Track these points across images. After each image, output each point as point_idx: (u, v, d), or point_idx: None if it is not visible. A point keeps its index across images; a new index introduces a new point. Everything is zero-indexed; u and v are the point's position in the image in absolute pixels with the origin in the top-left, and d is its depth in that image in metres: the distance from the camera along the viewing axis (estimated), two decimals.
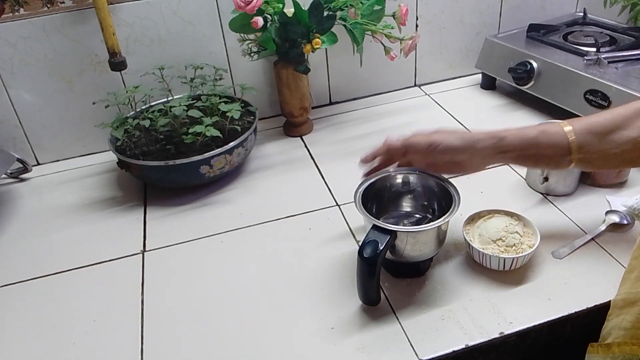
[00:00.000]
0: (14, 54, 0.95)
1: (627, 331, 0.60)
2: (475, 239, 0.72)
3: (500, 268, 0.70)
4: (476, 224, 0.74)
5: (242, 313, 0.69)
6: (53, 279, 0.78)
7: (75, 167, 1.05)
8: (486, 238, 0.71)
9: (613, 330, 0.61)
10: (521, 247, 0.70)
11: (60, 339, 0.68)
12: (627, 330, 0.60)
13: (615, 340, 0.60)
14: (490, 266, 0.70)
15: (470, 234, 0.73)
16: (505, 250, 0.70)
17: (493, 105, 1.14)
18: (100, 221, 0.89)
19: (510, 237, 0.70)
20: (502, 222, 0.72)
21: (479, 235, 0.72)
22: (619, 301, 0.62)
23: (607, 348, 0.60)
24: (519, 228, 0.72)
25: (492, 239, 0.71)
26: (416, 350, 0.62)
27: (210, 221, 0.86)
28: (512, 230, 0.71)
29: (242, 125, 0.94)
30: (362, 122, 1.12)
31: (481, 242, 0.71)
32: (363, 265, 0.62)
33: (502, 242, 0.70)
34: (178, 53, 1.03)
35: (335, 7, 0.95)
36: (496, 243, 0.70)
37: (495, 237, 0.71)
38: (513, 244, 0.70)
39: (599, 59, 0.99)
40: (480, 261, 0.71)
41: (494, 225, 0.72)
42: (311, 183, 0.94)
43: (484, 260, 0.70)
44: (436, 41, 1.20)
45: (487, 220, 0.74)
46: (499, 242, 0.70)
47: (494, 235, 0.71)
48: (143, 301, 0.72)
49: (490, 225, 0.72)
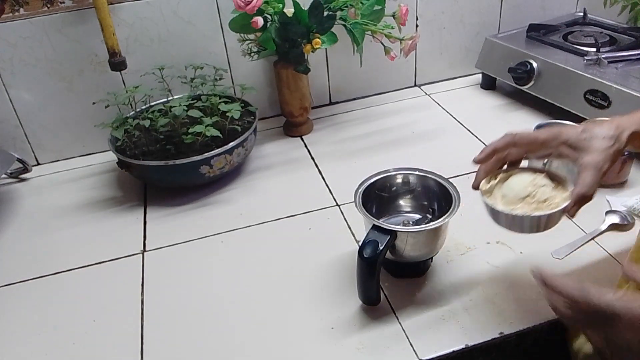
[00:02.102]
0: (14, 54, 0.95)
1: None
2: (498, 201, 0.61)
3: (534, 230, 0.59)
4: (495, 185, 0.63)
5: (242, 313, 0.69)
6: (53, 279, 0.78)
7: (75, 167, 1.05)
8: (511, 198, 0.60)
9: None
10: (554, 202, 0.59)
11: (60, 339, 0.68)
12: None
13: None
14: (523, 230, 0.60)
15: (492, 197, 0.62)
16: (538, 207, 0.58)
17: (493, 105, 1.14)
18: (100, 221, 0.89)
19: (540, 191, 0.59)
20: (526, 177, 0.61)
21: (502, 196, 0.61)
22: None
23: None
24: (547, 180, 0.61)
25: (519, 196, 0.60)
26: (416, 350, 0.62)
27: (210, 221, 0.86)
28: (541, 183, 0.60)
29: (242, 125, 0.94)
30: (362, 122, 1.12)
31: (507, 204, 0.60)
32: (363, 265, 0.62)
33: (532, 198, 0.59)
34: (178, 53, 1.03)
35: (335, 7, 0.95)
36: (525, 201, 0.59)
37: (522, 194, 0.60)
38: (545, 198, 0.59)
39: (599, 59, 0.99)
40: (509, 226, 0.60)
41: (518, 181, 0.61)
42: (311, 183, 0.94)
43: (514, 224, 0.60)
44: (436, 41, 1.20)
45: (507, 178, 0.63)
46: (528, 200, 0.59)
47: (520, 192, 0.60)
48: (143, 301, 0.72)
49: (514, 183, 0.61)
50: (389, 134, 1.06)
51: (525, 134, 0.62)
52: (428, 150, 1.00)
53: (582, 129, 0.59)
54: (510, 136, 0.62)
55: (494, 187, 0.63)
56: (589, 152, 0.57)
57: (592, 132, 0.58)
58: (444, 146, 1.01)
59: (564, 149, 0.59)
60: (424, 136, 1.05)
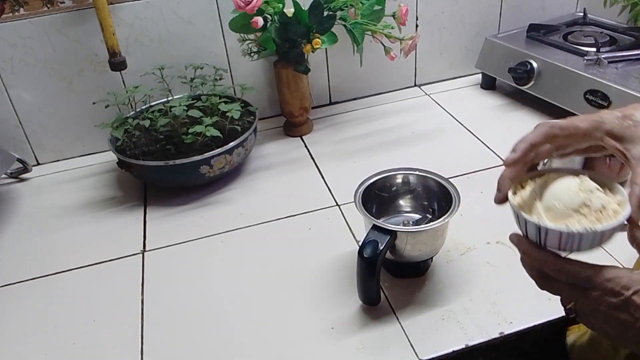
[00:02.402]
0: (14, 54, 0.95)
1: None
2: (543, 216, 0.48)
3: (594, 246, 0.48)
4: (530, 196, 0.51)
5: (242, 313, 0.69)
6: (53, 279, 0.78)
7: (75, 167, 1.05)
8: (561, 210, 0.48)
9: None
10: (612, 208, 0.48)
11: (60, 339, 0.68)
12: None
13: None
14: (580, 248, 0.48)
15: (534, 213, 0.49)
16: (599, 218, 0.47)
17: (493, 105, 1.14)
18: (100, 221, 0.89)
19: (593, 197, 0.48)
20: (570, 181, 0.50)
21: (546, 210, 0.49)
22: None
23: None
24: (594, 183, 0.50)
25: (571, 207, 0.48)
26: (416, 350, 0.62)
27: (210, 221, 0.86)
28: (590, 187, 0.49)
29: (242, 125, 0.94)
30: (362, 122, 1.12)
31: (555, 218, 0.48)
32: (363, 265, 0.62)
33: (587, 207, 0.48)
34: (178, 53, 1.03)
35: (335, 7, 0.95)
36: (580, 212, 0.47)
37: (575, 204, 0.48)
38: (601, 205, 0.48)
39: (599, 59, 0.99)
40: (564, 246, 0.48)
41: (563, 188, 0.49)
42: (311, 183, 0.94)
43: (571, 244, 0.48)
44: (436, 41, 1.20)
45: (546, 186, 0.51)
46: (584, 209, 0.48)
47: (572, 201, 0.48)
48: (143, 301, 0.72)
49: (559, 190, 0.49)
50: (389, 134, 1.06)
51: (565, 124, 0.52)
52: (428, 150, 1.00)
53: (621, 115, 0.51)
54: (546, 127, 0.52)
55: (527, 196, 0.51)
56: (638, 143, 0.48)
57: (635, 119, 0.50)
58: (444, 146, 1.01)
59: (608, 140, 0.50)
60: (424, 136, 1.05)
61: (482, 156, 0.96)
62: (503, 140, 1.00)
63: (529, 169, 0.54)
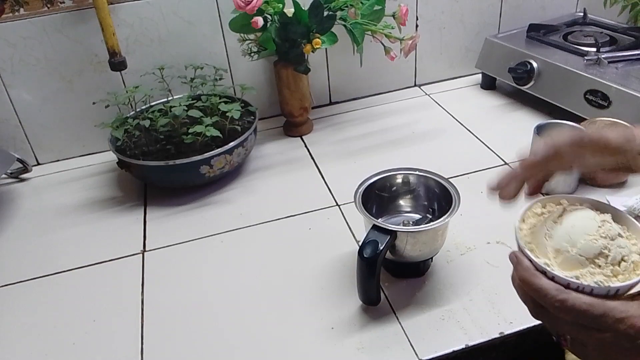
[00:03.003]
0: (14, 54, 0.95)
1: None
2: (551, 258, 0.43)
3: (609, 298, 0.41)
4: (540, 230, 0.44)
5: (242, 313, 0.69)
6: (53, 279, 0.78)
7: (75, 167, 1.05)
8: (576, 256, 0.42)
9: None
10: (631, 259, 0.42)
11: (60, 339, 0.68)
12: None
13: None
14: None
15: (540, 251, 0.43)
16: (614, 273, 0.41)
17: (493, 105, 1.14)
18: (100, 221, 0.89)
19: (614, 246, 0.42)
20: (590, 221, 0.43)
21: (556, 251, 0.43)
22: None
23: None
24: (618, 227, 0.43)
25: (586, 255, 0.42)
26: (416, 350, 0.62)
27: (210, 221, 0.86)
28: (613, 233, 0.42)
29: (242, 125, 0.94)
30: (362, 122, 1.12)
31: (568, 264, 0.42)
32: (363, 265, 0.62)
33: (605, 259, 0.41)
34: (178, 53, 1.03)
35: (335, 7, 0.95)
36: (595, 263, 0.41)
37: (592, 252, 0.41)
38: (622, 257, 0.41)
39: (599, 59, 0.99)
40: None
41: (581, 229, 0.43)
42: (311, 183, 0.94)
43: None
44: (436, 41, 1.20)
45: (559, 221, 0.44)
46: (600, 260, 0.41)
47: (588, 248, 0.42)
48: (143, 301, 0.72)
49: (575, 230, 0.43)
50: (389, 134, 1.06)
51: (596, 137, 0.44)
52: (428, 150, 1.00)
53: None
54: (575, 134, 0.44)
55: (536, 228, 0.44)
56: None
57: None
58: (444, 146, 1.01)
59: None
60: (424, 136, 1.05)
61: (482, 156, 0.96)
62: (503, 140, 1.00)
63: (536, 185, 0.48)
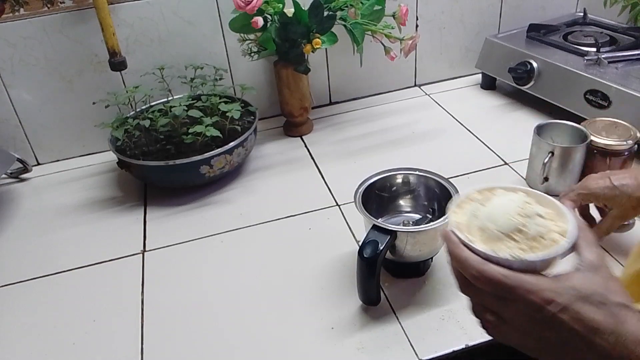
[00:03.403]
0: (14, 54, 0.95)
1: None
2: (477, 236, 0.47)
3: (531, 273, 0.44)
4: (471, 212, 0.49)
5: (242, 313, 0.69)
6: (53, 279, 0.78)
7: (75, 167, 1.05)
8: (496, 232, 0.46)
9: None
10: (550, 237, 0.45)
11: (60, 339, 0.68)
12: None
13: None
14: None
15: (468, 230, 0.47)
16: (531, 248, 0.44)
17: (493, 105, 1.14)
18: (100, 221, 0.89)
19: (531, 223, 0.45)
20: (511, 202, 0.47)
21: (479, 229, 0.47)
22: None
23: None
24: (539, 208, 0.47)
25: (503, 231, 0.45)
26: (416, 350, 0.62)
27: (210, 221, 0.86)
28: (531, 212, 0.46)
29: (242, 125, 0.94)
30: (362, 122, 1.12)
31: (487, 240, 0.46)
32: (363, 265, 0.62)
33: (522, 234, 0.45)
34: (178, 53, 1.03)
35: (335, 7, 0.95)
36: (512, 238, 0.45)
37: (508, 228, 0.45)
38: (539, 234, 0.45)
39: (599, 59, 0.99)
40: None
41: (503, 209, 0.47)
42: (311, 183, 0.94)
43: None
44: (436, 41, 1.20)
45: (486, 203, 0.49)
46: (517, 235, 0.45)
47: (506, 225, 0.45)
48: (143, 301, 0.72)
49: (497, 211, 0.47)
50: (389, 134, 1.06)
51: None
52: (428, 150, 1.00)
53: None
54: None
55: (468, 212, 0.49)
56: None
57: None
58: (444, 146, 1.01)
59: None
60: (424, 136, 1.05)
61: (482, 156, 0.96)
62: (503, 140, 1.00)
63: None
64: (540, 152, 0.82)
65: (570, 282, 0.41)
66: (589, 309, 0.40)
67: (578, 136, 0.83)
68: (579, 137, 0.83)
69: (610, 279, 0.42)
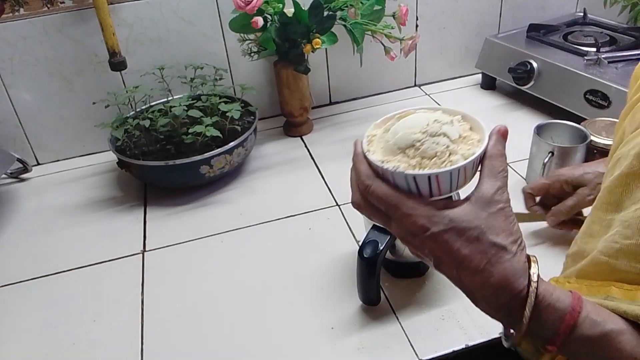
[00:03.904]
0: (14, 54, 0.95)
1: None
2: (379, 149, 0.46)
3: (415, 190, 0.43)
4: (386, 127, 0.47)
5: (242, 313, 0.69)
6: (53, 279, 0.78)
7: (75, 167, 1.05)
8: (391, 146, 0.44)
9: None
10: (448, 159, 0.43)
11: (60, 339, 0.68)
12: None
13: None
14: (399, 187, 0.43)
15: (374, 144, 0.47)
16: (420, 165, 0.43)
17: (493, 105, 1.14)
18: (100, 221, 0.89)
19: (429, 142, 0.43)
20: (422, 119, 0.45)
21: (385, 142, 0.46)
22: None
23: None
24: (450, 129, 0.44)
25: (399, 145, 0.44)
26: (416, 350, 0.62)
27: (210, 221, 0.86)
28: (436, 132, 0.43)
29: (242, 125, 0.94)
30: (362, 122, 1.12)
31: (385, 153, 0.45)
32: (363, 265, 0.62)
33: (415, 150, 0.43)
34: (178, 53, 1.03)
35: (335, 7, 0.95)
36: (405, 152, 0.44)
37: (404, 143, 0.43)
38: (434, 153, 0.43)
39: (599, 59, 0.99)
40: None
41: (410, 124, 0.45)
42: (311, 183, 0.94)
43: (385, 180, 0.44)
44: (436, 41, 1.20)
45: (402, 118, 0.47)
46: (410, 151, 0.43)
47: (403, 139, 0.44)
48: (143, 301, 0.72)
49: (403, 125, 0.45)
50: None
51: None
52: None
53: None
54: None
55: (383, 129, 0.48)
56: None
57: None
58: None
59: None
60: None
61: None
62: None
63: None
64: (540, 152, 0.82)
65: (451, 212, 0.41)
66: (459, 243, 0.40)
67: (578, 136, 0.83)
68: (579, 137, 0.83)
69: (498, 216, 0.41)
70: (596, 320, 0.41)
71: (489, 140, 0.44)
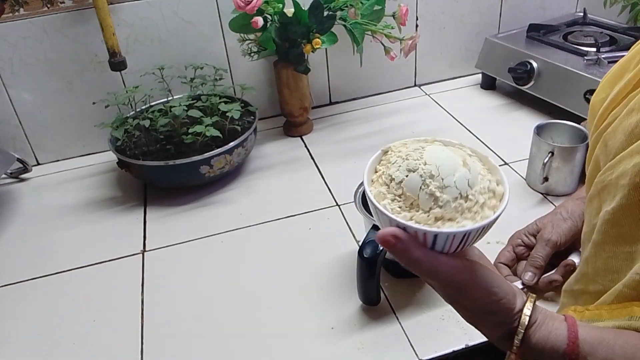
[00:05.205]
0: (14, 54, 0.95)
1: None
2: (379, 182, 0.42)
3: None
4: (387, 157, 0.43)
5: (242, 313, 0.69)
6: (53, 279, 0.78)
7: (75, 167, 1.05)
8: (383, 179, 0.41)
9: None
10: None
11: (60, 339, 0.68)
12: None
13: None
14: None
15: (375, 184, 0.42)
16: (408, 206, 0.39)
17: (493, 105, 1.14)
18: (100, 221, 0.89)
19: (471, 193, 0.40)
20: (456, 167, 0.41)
21: (383, 175, 0.42)
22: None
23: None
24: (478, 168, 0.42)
25: (385, 181, 0.41)
26: (416, 350, 0.62)
27: (210, 221, 0.86)
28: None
29: (242, 125, 0.94)
30: (362, 122, 1.12)
31: (378, 186, 0.41)
32: (363, 265, 0.62)
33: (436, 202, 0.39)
34: (178, 53, 1.03)
35: (335, 7, 0.95)
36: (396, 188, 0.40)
37: (397, 178, 0.40)
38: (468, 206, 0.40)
39: (599, 59, 0.99)
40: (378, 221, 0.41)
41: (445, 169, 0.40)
42: (311, 183, 0.94)
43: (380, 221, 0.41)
44: (436, 41, 1.20)
45: (403, 147, 0.44)
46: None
47: (396, 172, 0.40)
48: (143, 301, 0.72)
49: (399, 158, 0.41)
50: (389, 134, 1.06)
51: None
52: None
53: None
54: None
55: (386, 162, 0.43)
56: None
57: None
58: None
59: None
60: (424, 136, 1.04)
61: None
62: (503, 140, 1.00)
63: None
64: (540, 152, 0.82)
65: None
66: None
67: (578, 136, 0.83)
68: (579, 137, 0.83)
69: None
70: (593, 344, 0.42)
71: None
